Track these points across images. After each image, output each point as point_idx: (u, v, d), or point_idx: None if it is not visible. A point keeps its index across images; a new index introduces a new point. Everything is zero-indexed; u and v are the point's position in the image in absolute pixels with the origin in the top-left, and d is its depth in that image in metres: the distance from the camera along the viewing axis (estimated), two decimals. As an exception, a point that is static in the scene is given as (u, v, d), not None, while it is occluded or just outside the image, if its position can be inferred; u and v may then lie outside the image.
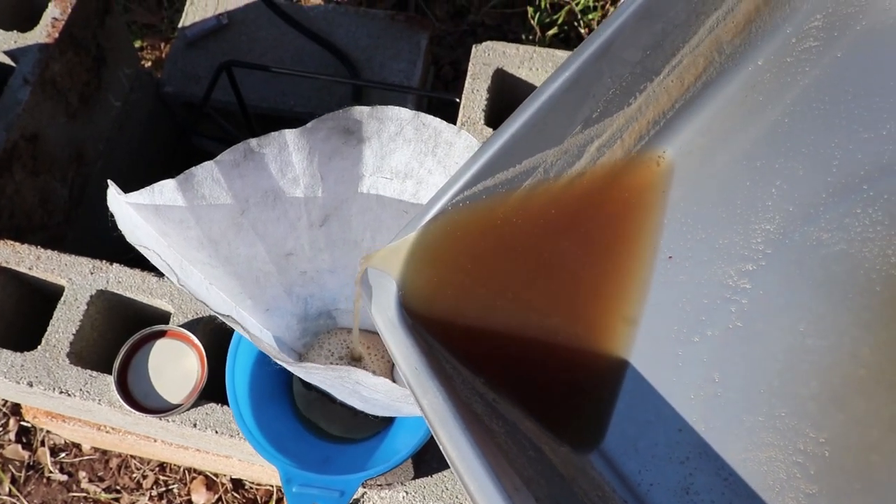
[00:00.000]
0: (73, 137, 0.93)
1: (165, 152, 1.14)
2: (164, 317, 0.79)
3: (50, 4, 0.87)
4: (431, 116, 0.52)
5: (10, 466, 1.10)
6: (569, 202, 0.48)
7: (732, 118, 0.51)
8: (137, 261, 0.63)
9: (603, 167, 0.49)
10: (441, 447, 0.38)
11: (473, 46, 0.86)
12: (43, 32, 0.86)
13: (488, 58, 0.86)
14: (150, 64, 1.30)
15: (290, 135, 0.50)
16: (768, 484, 0.43)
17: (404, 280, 0.43)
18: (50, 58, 0.85)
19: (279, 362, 0.44)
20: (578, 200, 0.48)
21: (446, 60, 1.28)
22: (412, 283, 0.43)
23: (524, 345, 0.46)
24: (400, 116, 0.51)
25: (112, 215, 0.47)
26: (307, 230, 0.56)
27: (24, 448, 1.11)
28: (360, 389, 0.45)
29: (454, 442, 0.37)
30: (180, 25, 1.09)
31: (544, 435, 0.45)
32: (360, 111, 0.51)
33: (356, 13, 1.10)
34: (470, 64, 0.86)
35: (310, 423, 0.62)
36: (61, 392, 0.73)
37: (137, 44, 1.31)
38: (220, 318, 0.44)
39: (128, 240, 0.46)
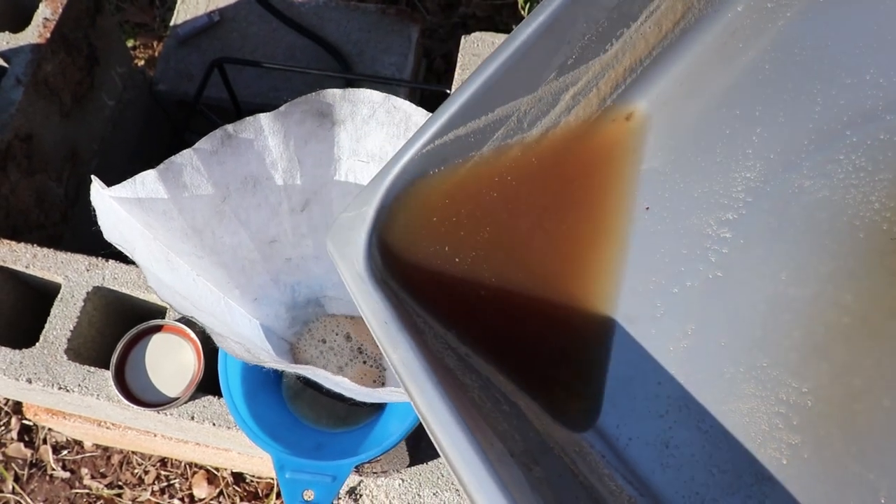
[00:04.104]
0: (67, 137, 0.93)
1: (160, 150, 1.15)
2: (160, 312, 0.79)
3: (41, 5, 0.88)
4: (401, 100, 0.52)
5: (14, 465, 1.11)
6: (543, 154, 0.47)
7: (711, 66, 0.49)
8: (133, 257, 0.64)
9: (578, 117, 0.48)
10: (412, 403, 0.37)
11: (462, 38, 0.87)
12: (34, 33, 0.86)
13: (477, 48, 0.86)
14: (143, 63, 1.31)
15: (264, 119, 0.50)
16: (750, 435, 0.42)
17: (375, 234, 0.42)
18: (42, 58, 0.86)
19: (240, 359, 0.44)
20: (553, 152, 0.47)
21: (438, 53, 1.28)
22: (383, 238, 0.42)
23: (497, 299, 0.45)
24: (372, 99, 0.52)
25: (94, 210, 0.47)
26: (289, 215, 0.56)
27: (26, 446, 1.12)
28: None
29: (425, 396, 0.36)
30: (172, 24, 1.10)
31: (519, 392, 0.44)
32: (333, 94, 0.51)
33: (347, 7, 1.10)
34: (459, 55, 0.86)
35: (301, 412, 0.63)
36: (60, 388, 0.74)
37: (130, 43, 1.32)
38: (186, 316, 0.44)
39: (105, 236, 0.46)
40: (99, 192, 0.47)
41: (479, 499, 0.33)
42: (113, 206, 0.48)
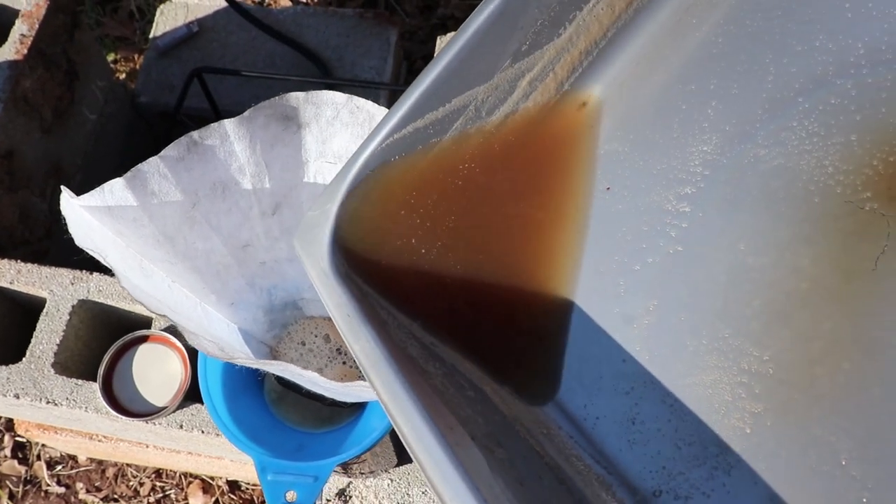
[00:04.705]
0: (49, 152, 0.94)
1: (145, 162, 1.15)
2: (146, 322, 0.80)
3: (17, 21, 0.88)
4: (364, 100, 0.53)
5: (8, 482, 1.11)
6: (503, 141, 0.47)
7: (666, 43, 0.50)
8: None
9: (536, 103, 0.48)
10: (374, 391, 0.38)
11: (438, 38, 0.87)
12: (11, 49, 0.87)
13: (453, 48, 0.86)
14: (124, 76, 1.31)
15: (229, 124, 0.51)
16: (714, 407, 0.43)
17: (339, 230, 0.43)
18: (20, 74, 0.86)
19: (214, 356, 0.45)
20: (513, 138, 0.47)
21: (419, 55, 1.29)
22: (348, 234, 0.43)
23: (463, 288, 0.46)
24: (335, 100, 0.52)
25: (64, 219, 0.47)
26: (260, 219, 0.56)
27: (20, 463, 1.12)
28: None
29: (385, 383, 0.37)
30: (151, 36, 1.10)
31: (486, 378, 0.45)
32: (296, 97, 0.52)
33: (325, 13, 1.10)
34: (435, 55, 0.87)
35: (283, 415, 0.63)
36: (48, 402, 0.74)
37: (111, 57, 1.32)
38: (159, 314, 0.44)
39: (77, 243, 0.47)
40: (68, 202, 0.47)
41: (436, 480, 0.34)
42: (84, 215, 0.48)
